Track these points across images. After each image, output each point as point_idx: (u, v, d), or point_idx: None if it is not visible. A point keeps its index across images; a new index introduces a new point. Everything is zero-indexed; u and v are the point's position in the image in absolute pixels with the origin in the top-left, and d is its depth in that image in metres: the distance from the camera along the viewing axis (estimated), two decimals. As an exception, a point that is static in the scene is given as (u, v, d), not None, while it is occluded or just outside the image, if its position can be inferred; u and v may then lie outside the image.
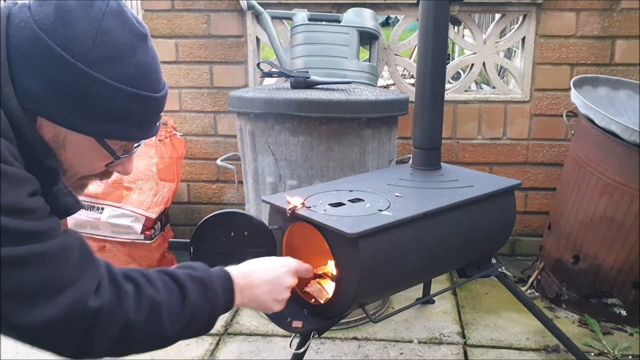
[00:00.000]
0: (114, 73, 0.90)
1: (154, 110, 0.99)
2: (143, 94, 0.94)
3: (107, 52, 0.89)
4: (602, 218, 2.22)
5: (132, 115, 0.95)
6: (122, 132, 0.95)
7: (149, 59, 0.95)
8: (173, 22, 2.77)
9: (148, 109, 0.97)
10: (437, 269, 1.75)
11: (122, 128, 0.95)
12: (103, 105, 0.91)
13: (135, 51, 0.93)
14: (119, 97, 0.91)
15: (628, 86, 2.54)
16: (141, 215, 2.63)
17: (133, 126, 0.96)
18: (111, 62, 0.89)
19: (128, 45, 0.92)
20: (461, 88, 2.80)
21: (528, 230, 2.90)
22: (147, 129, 1.00)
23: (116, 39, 0.90)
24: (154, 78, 0.97)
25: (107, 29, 0.89)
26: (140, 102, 0.94)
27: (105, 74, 0.89)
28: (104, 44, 0.89)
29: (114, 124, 0.93)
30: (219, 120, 2.88)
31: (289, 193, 1.59)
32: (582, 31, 2.64)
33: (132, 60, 0.92)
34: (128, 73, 0.91)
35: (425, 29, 1.80)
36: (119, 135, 0.96)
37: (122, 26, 0.92)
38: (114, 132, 0.94)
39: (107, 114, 0.92)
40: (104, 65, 0.89)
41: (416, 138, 1.89)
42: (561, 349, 2.08)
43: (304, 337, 1.51)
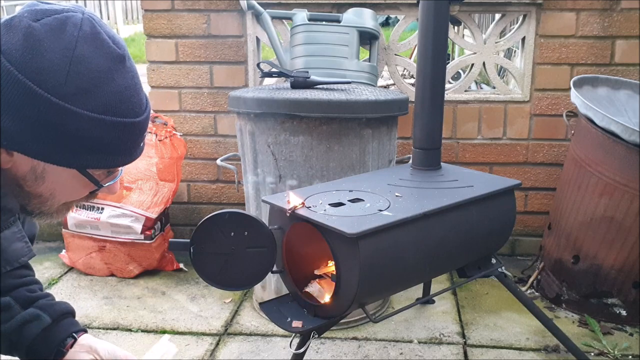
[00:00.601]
0: (91, 104, 0.85)
1: (135, 135, 0.94)
2: (124, 121, 0.90)
3: (82, 84, 0.84)
4: (602, 218, 2.22)
5: (114, 144, 0.91)
6: (105, 161, 0.92)
7: (127, 82, 0.90)
8: (173, 22, 2.77)
9: (129, 135, 0.92)
10: (437, 269, 1.75)
11: (104, 157, 0.91)
12: (82, 138, 0.86)
13: (113, 76, 0.88)
14: (98, 127, 0.87)
15: (628, 86, 2.54)
16: (141, 215, 2.63)
17: (115, 154, 0.93)
18: (87, 93, 0.85)
19: (104, 71, 0.87)
20: (461, 88, 2.80)
21: (528, 230, 2.90)
22: (130, 154, 0.96)
23: (91, 68, 0.85)
24: (134, 102, 0.92)
25: (80, 57, 0.84)
26: (121, 129, 0.90)
27: (81, 107, 0.84)
28: (78, 74, 0.84)
29: (95, 155, 0.90)
30: (219, 120, 2.88)
31: (289, 193, 1.59)
32: (582, 31, 2.64)
33: (109, 88, 0.87)
34: (106, 102, 0.87)
35: (425, 29, 1.80)
36: (101, 165, 0.92)
37: (97, 51, 0.86)
38: (96, 162, 0.91)
39: (87, 145, 0.88)
40: (80, 98, 0.84)
41: (416, 138, 1.89)
42: (561, 349, 2.08)
43: (304, 337, 1.51)
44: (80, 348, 1.16)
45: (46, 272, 2.73)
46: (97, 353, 1.15)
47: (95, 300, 2.48)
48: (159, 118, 2.78)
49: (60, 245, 2.88)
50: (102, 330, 2.25)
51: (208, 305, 2.46)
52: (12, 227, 0.90)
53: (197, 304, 2.46)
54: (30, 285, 1.21)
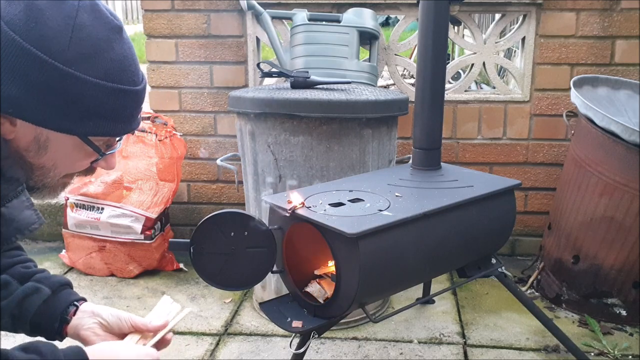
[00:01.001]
0: (93, 70, 0.88)
1: (134, 103, 0.97)
2: (124, 88, 0.92)
3: (84, 49, 0.87)
4: (602, 218, 2.22)
5: (114, 111, 0.93)
6: (106, 128, 0.94)
7: (126, 52, 0.93)
8: (173, 22, 2.77)
9: (129, 102, 0.95)
10: (437, 269, 1.75)
11: (105, 124, 0.93)
12: (85, 103, 0.89)
13: (112, 45, 0.91)
14: (101, 93, 0.90)
15: (628, 86, 2.54)
16: (141, 215, 2.63)
17: (116, 121, 0.95)
18: (89, 59, 0.88)
19: (104, 39, 0.90)
20: (461, 88, 2.80)
21: (528, 230, 2.90)
22: (130, 122, 0.98)
23: (92, 35, 0.88)
24: (132, 71, 0.95)
25: (82, 24, 0.87)
26: (122, 96, 0.93)
27: (84, 72, 0.87)
28: (80, 40, 0.87)
29: (97, 121, 0.92)
30: (219, 120, 2.88)
31: (289, 193, 1.59)
32: (582, 31, 2.64)
33: (109, 55, 0.90)
34: (107, 68, 0.90)
35: (425, 29, 1.80)
36: (102, 132, 0.94)
37: (97, 20, 0.90)
38: (98, 129, 0.93)
39: (89, 111, 0.90)
40: (83, 63, 0.87)
41: (416, 138, 1.89)
42: (561, 349, 2.08)
43: (304, 337, 1.51)
44: (83, 314, 1.17)
45: (46, 272, 2.73)
46: (100, 317, 1.16)
47: (95, 300, 2.48)
48: (159, 118, 2.78)
49: (60, 245, 2.88)
50: (102, 330, 2.25)
51: (208, 305, 2.46)
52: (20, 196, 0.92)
53: (197, 304, 2.46)
54: (25, 262, 1.23)
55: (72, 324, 1.16)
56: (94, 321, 1.16)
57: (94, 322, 1.16)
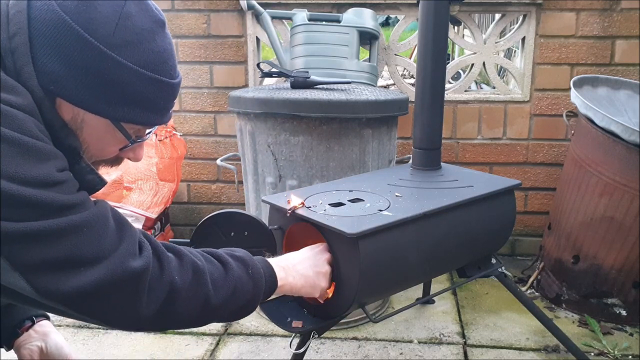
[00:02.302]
0: (134, 57, 0.91)
1: (169, 96, 1.00)
2: (161, 79, 0.95)
3: (129, 37, 0.90)
4: (602, 218, 2.22)
5: (149, 100, 0.96)
6: (139, 116, 0.96)
7: (166, 45, 0.97)
8: (173, 22, 2.77)
9: (165, 94, 0.98)
10: (437, 269, 1.75)
11: (139, 112, 0.96)
12: (123, 88, 0.92)
13: (154, 37, 0.94)
14: (139, 80, 0.92)
15: (628, 86, 2.54)
16: (141, 215, 2.63)
17: (149, 111, 0.97)
18: (132, 46, 0.91)
19: (148, 30, 0.93)
20: (461, 88, 2.80)
21: (528, 230, 2.90)
22: (162, 114, 1.01)
23: (137, 24, 0.92)
24: (171, 64, 0.98)
25: (128, 13, 0.91)
26: (158, 86, 0.96)
27: (126, 58, 0.90)
28: (125, 28, 0.90)
29: (132, 108, 0.94)
30: (219, 120, 2.88)
31: (289, 193, 1.59)
32: (582, 31, 2.65)
33: (151, 46, 0.93)
34: (147, 58, 0.93)
35: (425, 29, 1.80)
36: (135, 119, 0.96)
37: (143, 12, 0.93)
38: (131, 116, 0.95)
39: (126, 97, 0.93)
40: (126, 49, 0.90)
41: (416, 138, 1.89)
42: (561, 349, 2.08)
43: (304, 337, 1.51)
44: (34, 333, 1.18)
45: (46, 272, 2.73)
46: (45, 342, 1.18)
47: (95, 300, 2.48)
48: (159, 118, 2.77)
49: (60, 245, 2.88)
50: (102, 330, 2.25)
51: (208, 305, 2.46)
52: (80, 162, 0.95)
53: (197, 304, 2.46)
54: None
55: (20, 338, 1.18)
56: (37, 344, 1.18)
57: (37, 344, 1.18)
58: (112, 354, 2.09)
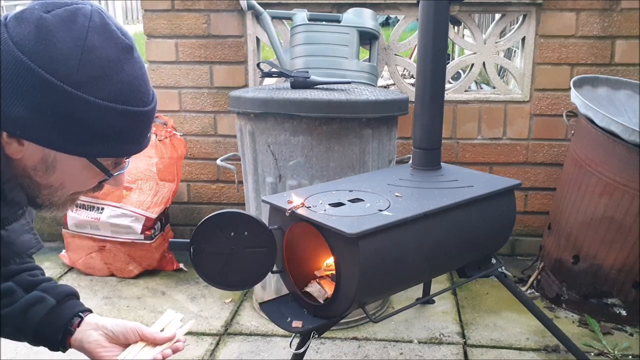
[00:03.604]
0: (102, 92, 0.87)
1: (144, 125, 0.96)
2: (133, 110, 0.91)
3: (94, 72, 0.86)
4: (602, 218, 2.22)
5: (123, 132, 0.92)
6: (114, 150, 0.93)
7: (136, 72, 0.92)
8: (173, 22, 2.77)
9: (139, 124, 0.94)
10: (437, 269, 1.75)
11: (114, 146, 0.92)
12: (93, 126, 0.88)
13: (122, 66, 0.89)
14: (109, 116, 0.88)
15: (628, 86, 2.54)
16: (141, 215, 2.63)
17: (125, 143, 0.94)
18: (98, 81, 0.86)
19: (114, 60, 0.88)
20: (461, 88, 2.80)
21: (528, 230, 2.90)
22: (139, 143, 0.97)
23: (102, 56, 0.87)
24: (142, 91, 0.93)
25: (91, 46, 0.86)
26: (131, 118, 0.92)
27: (93, 94, 0.86)
28: (89, 63, 0.85)
29: (106, 143, 0.91)
30: (219, 120, 2.88)
31: (289, 193, 1.59)
32: (582, 31, 2.64)
33: (119, 77, 0.89)
34: (116, 90, 0.88)
35: (425, 29, 1.80)
36: (111, 154, 0.94)
37: (107, 41, 0.88)
38: (107, 151, 0.92)
39: (98, 134, 0.89)
40: (92, 85, 0.86)
41: (416, 138, 1.89)
42: (561, 349, 2.08)
43: (304, 337, 1.51)
44: (87, 326, 1.16)
45: (46, 272, 2.71)
46: (105, 328, 1.16)
47: (95, 300, 2.48)
48: (159, 118, 2.78)
49: (60, 245, 2.88)
50: (102, 330, 2.25)
51: (208, 305, 2.46)
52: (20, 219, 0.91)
53: (197, 304, 2.46)
54: (32, 270, 1.22)
55: (75, 336, 1.16)
56: (99, 333, 1.16)
57: (99, 334, 1.16)
58: (112, 354, 2.09)
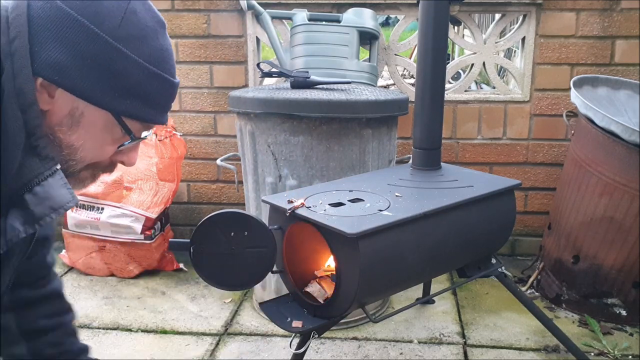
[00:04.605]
0: (139, 51, 0.93)
1: (170, 95, 1.02)
2: (164, 76, 0.97)
3: (134, 31, 0.92)
4: (602, 218, 2.22)
5: (152, 95, 0.97)
6: (141, 111, 0.97)
7: (168, 45, 0.99)
8: (173, 22, 2.77)
9: (166, 91, 1.00)
10: (437, 269, 1.75)
11: (141, 106, 0.96)
12: (127, 80, 0.93)
13: (157, 36, 0.96)
14: (143, 74, 0.94)
15: (628, 86, 2.54)
16: (141, 215, 2.63)
17: (151, 107, 0.98)
18: (137, 40, 0.93)
19: (152, 29, 0.95)
20: (461, 88, 2.80)
21: (528, 230, 2.90)
22: (162, 112, 1.02)
23: (142, 21, 0.94)
24: (171, 64, 1.00)
25: (133, 9, 0.93)
26: (161, 82, 0.97)
27: (131, 50, 0.92)
28: (131, 23, 0.92)
29: (135, 101, 0.95)
30: (219, 120, 2.88)
31: (289, 193, 1.59)
32: (582, 31, 2.64)
33: (155, 43, 0.95)
34: (151, 53, 0.94)
35: (425, 29, 1.80)
36: (137, 114, 0.97)
37: (147, 12, 0.96)
38: (134, 110, 0.96)
39: (129, 89, 0.94)
40: (131, 42, 0.92)
41: (416, 138, 1.89)
42: (561, 349, 2.09)
43: (304, 337, 1.51)
44: None
45: (46, 272, 2.73)
46: None
47: (95, 300, 2.48)
48: (159, 118, 2.77)
49: (60, 245, 2.88)
50: (102, 330, 2.25)
51: (208, 305, 2.46)
52: (55, 174, 0.93)
53: (197, 304, 2.46)
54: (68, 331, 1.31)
55: None
56: None
57: None
58: (112, 354, 2.09)
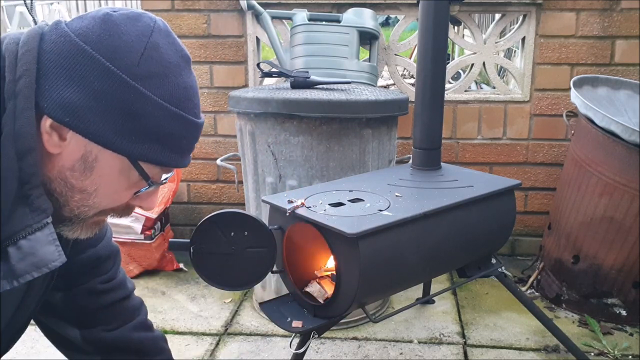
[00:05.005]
0: (159, 90, 0.85)
1: (193, 136, 0.93)
2: (186, 117, 0.89)
3: (154, 69, 0.85)
4: (602, 218, 2.22)
5: (172, 138, 0.89)
6: (160, 155, 0.89)
7: (192, 83, 0.92)
8: (173, 22, 2.77)
9: (188, 133, 0.92)
10: (437, 269, 1.75)
11: (160, 150, 0.89)
12: (145, 122, 0.85)
13: (181, 72, 0.89)
14: (163, 115, 0.86)
15: (628, 86, 2.54)
16: (141, 215, 2.63)
17: (171, 150, 0.90)
18: (157, 78, 0.85)
19: (175, 65, 0.88)
20: (461, 88, 2.80)
21: (528, 230, 2.90)
22: (183, 156, 0.94)
23: (164, 57, 0.87)
24: (196, 103, 0.92)
25: (155, 44, 0.86)
26: (183, 124, 0.89)
27: (150, 90, 0.85)
28: (151, 59, 0.85)
29: (154, 145, 0.88)
30: (219, 120, 2.88)
31: (289, 193, 1.59)
32: (582, 31, 2.65)
33: (177, 80, 0.88)
34: (173, 92, 0.87)
35: (425, 29, 1.80)
36: (156, 159, 0.89)
37: (170, 46, 0.89)
38: (152, 154, 0.88)
39: (147, 132, 0.86)
40: (151, 81, 0.85)
41: (416, 138, 1.89)
42: (561, 349, 2.08)
43: (304, 337, 1.51)
44: None
45: (46, 272, 2.73)
46: None
47: (95, 300, 2.48)
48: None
49: (60, 245, 2.88)
50: (102, 330, 2.25)
51: (208, 305, 2.46)
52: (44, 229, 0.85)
53: (197, 304, 2.46)
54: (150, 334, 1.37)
55: None
56: None
57: None
58: (112, 354, 2.09)
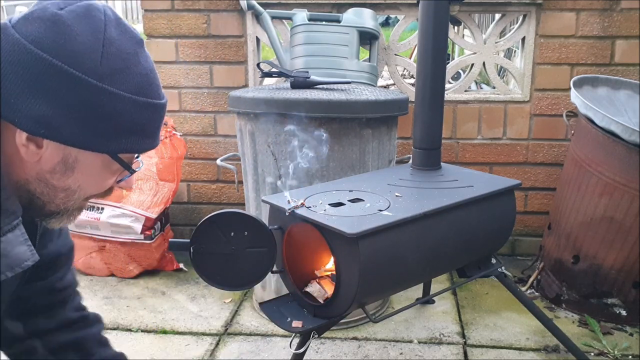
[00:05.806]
0: (125, 84, 0.86)
1: (160, 117, 0.96)
2: (153, 102, 0.91)
3: (116, 64, 0.85)
4: (602, 218, 2.22)
5: (144, 126, 0.91)
6: (137, 144, 0.92)
7: (150, 65, 0.92)
8: (173, 22, 2.77)
9: (157, 116, 0.94)
10: (437, 269, 1.75)
11: (136, 140, 0.91)
12: (119, 119, 0.87)
13: (139, 59, 0.89)
14: (134, 108, 0.88)
15: (628, 86, 2.54)
16: (141, 215, 2.63)
17: (145, 137, 0.93)
18: (121, 73, 0.86)
19: (132, 54, 0.88)
20: (461, 88, 2.80)
21: (528, 230, 2.90)
22: (155, 137, 0.96)
23: (122, 49, 0.86)
24: (157, 84, 0.94)
25: (111, 39, 0.85)
26: (152, 110, 0.92)
27: (117, 87, 0.85)
28: (111, 55, 0.85)
29: (129, 137, 0.90)
30: (219, 120, 2.88)
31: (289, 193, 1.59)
32: (582, 31, 2.64)
33: (138, 69, 0.89)
34: (137, 83, 0.88)
35: (425, 29, 1.80)
36: (133, 148, 0.92)
37: (124, 34, 0.88)
38: (130, 146, 0.90)
39: (123, 128, 0.88)
40: (115, 78, 0.85)
41: (416, 138, 1.89)
42: (561, 349, 2.08)
43: (304, 337, 1.51)
44: None
45: (46, 272, 2.73)
46: None
47: (95, 300, 2.48)
48: (159, 118, 2.78)
49: (60, 245, 2.88)
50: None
51: (208, 305, 2.46)
52: (15, 230, 0.86)
53: (197, 304, 2.46)
54: None
55: None
56: None
57: None
58: (112, 354, 2.09)
